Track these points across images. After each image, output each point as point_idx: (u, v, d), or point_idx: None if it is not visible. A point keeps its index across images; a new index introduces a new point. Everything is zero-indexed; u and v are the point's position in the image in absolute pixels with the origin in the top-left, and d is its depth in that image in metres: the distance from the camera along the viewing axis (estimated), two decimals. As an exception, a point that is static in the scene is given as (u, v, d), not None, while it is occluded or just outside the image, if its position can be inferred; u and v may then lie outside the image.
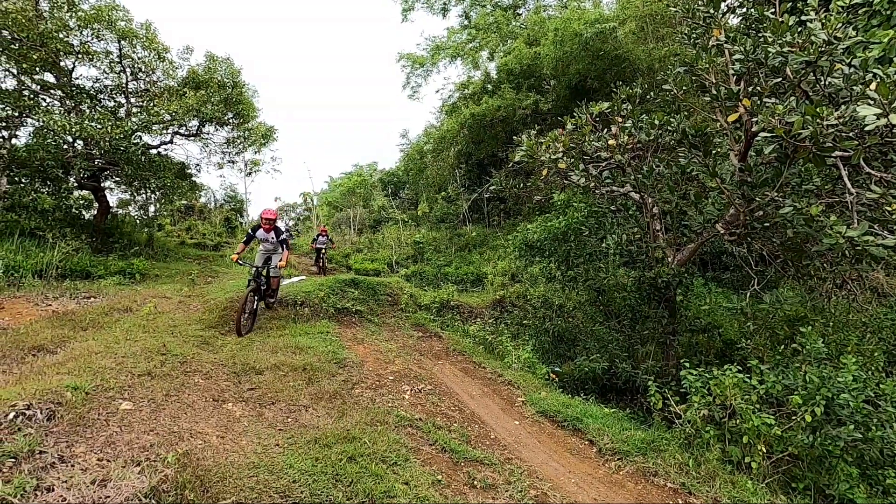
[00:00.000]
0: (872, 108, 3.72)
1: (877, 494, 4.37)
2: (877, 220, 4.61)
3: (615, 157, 6.73)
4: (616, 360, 6.48)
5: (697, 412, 4.61)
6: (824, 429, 4.22)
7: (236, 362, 5.50)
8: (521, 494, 3.63)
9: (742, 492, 3.90)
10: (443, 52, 21.78)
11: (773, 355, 5.45)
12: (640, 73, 14.60)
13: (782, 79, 5.38)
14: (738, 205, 5.72)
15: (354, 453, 3.64)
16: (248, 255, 10.97)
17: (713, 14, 6.07)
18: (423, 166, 22.05)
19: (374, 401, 5.00)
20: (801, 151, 4.85)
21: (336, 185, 37.48)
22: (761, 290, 7.24)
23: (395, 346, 7.15)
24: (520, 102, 17.23)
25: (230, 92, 13.02)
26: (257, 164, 17.31)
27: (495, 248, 16.12)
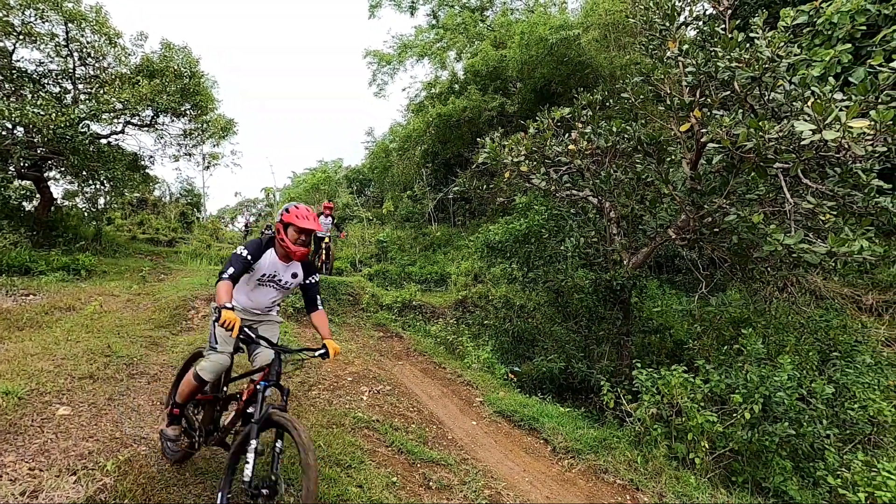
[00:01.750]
0: (808, 124, 3.96)
1: (808, 486, 4.67)
2: (812, 229, 4.91)
3: (575, 161, 6.89)
4: (573, 360, 6.65)
5: (647, 411, 4.78)
6: (762, 425, 4.46)
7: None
8: (476, 494, 3.67)
9: (686, 487, 4.08)
10: (410, 51, 21.70)
11: (718, 355, 5.73)
12: (602, 79, 14.98)
13: (731, 92, 5.64)
14: (688, 211, 5.97)
15: (308, 457, 3.58)
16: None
17: (669, 27, 6.30)
18: (389, 164, 21.90)
19: (331, 402, 4.94)
20: (745, 162, 5.11)
21: (299, 181, 36.70)
22: (710, 292, 7.58)
23: (355, 346, 7.07)
24: (486, 104, 17.36)
25: (187, 82, 12.49)
26: (216, 157, 16.70)
27: (459, 248, 16.19)
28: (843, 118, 3.79)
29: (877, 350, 7.67)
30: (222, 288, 2.72)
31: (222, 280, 2.76)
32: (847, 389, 5.54)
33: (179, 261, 13.58)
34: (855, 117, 3.93)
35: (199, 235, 17.34)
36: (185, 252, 14.40)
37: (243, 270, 2.87)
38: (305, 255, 3.00)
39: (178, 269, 12.29)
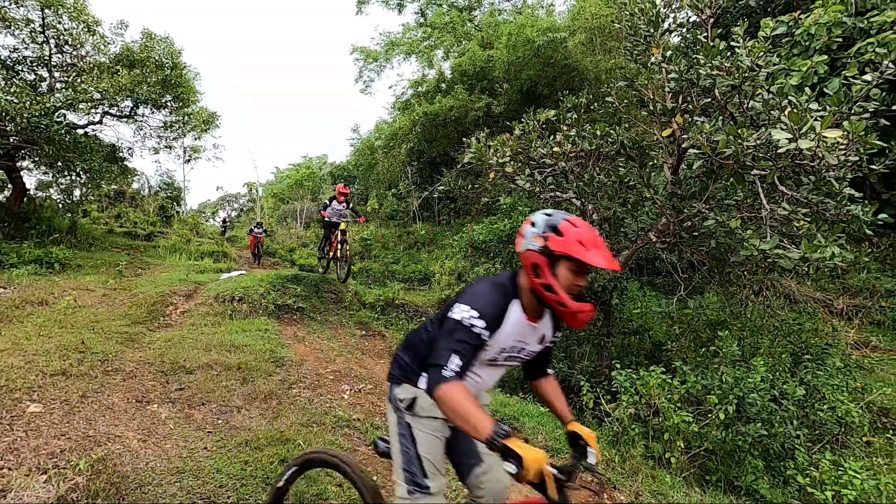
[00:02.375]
0: (785, 133, 4.07)
1: (778, 485, 4.81)
2: (786, 235, 5.05)
3: (559, 163, 6.95)
4: (554, 361, 6.72)
5: (625, 411, 4.86)
6: (735, 425, 4.57)
7: (164, 361, 5.21)
8: (456, 494, 3.68)
9: (661, 485, 4.16)
10: (397, 48, 21.62)
11: (695, 357, 5.85)
12: (587, 83, 15.15)
13: (712, 99, 5.75)
14: (669, 215, 6.08)
15: (287, 455, 3.55)
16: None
17: (653, 33, 6.40)
18: (374, 162, 21.82)
19: (312, 401, 4.90)
20: (724, 168, 5.23)
21: (283, 177, 36.35)
22: (689, 295, 7.73)
23: (336, 344, 7.03)
24: (472, 104, 17.41)
25: (169, 73, 12.27)
26: (197, 150, 16.44)
27: (444, 247, 16.21)
28: (817, 128, 3.90)
29: (846, 353, 7.92)
30: (463, 400, 1.45)
31: (447, 383, 1.49)
32: (817, 391, 5.71)
33: (158, 255, 13.32)
34: (829, 127, 4.05)
35: (178, 230, 17.01)
36: (163, 247, 14.12)
37: (473, 356, 1.60)
38: (590, 318, 1.69)
39: (157, 263, 12.07)
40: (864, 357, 8.99)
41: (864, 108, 4.62)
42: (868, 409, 6.41)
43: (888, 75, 4.59)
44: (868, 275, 11.30)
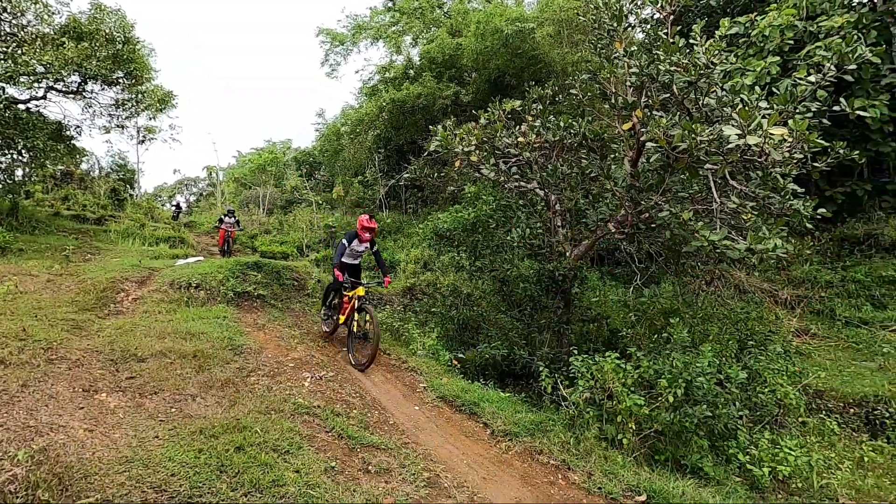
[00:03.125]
0: (735, 129, 4.24)
1: (721, 462, 5.09)
2: (735, 227, 5.29)
3: (524, 154, 7.02)
4: (515, 347, 6.85)
5: (581, 395, 5.02)
6: (683, 408, 4.80)
7: (115, 349, 5.02)
8: (414, 476, 3.73)
9: (613, 465, 4.33)
10: (364, 32, 21.20)
11: (649, 343, 6.09)
12: (554, 74, 15.31)
13: (670, 95, 5.93)
14: (627, 206, 6.26)
15: (243, 443, 3.50)
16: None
17: (616, 28, 6.52)
18: (340, 148, 21.43)
19: (271, 389, 4.83)
20: (679, 162, 5.41)
21: (245, 161, 35.24)
22: (645, 284, 8.01)
23: (298, 332, 6.94)
24: (441, 92, 17.31)
25: (120, 48, 11.61)
26: (152, 131, 15.68)
27: (410, 235, 16.15)
28: (764, 125, 4.09)
29: (787, 340, 8.43)
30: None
31: None
32: (759, 375, 6.06)
33: (109, 240, 12.71)
34: (775, 125, 4.25)
35: (132, 214, 16.25)
36: (115, 231, 13.48)
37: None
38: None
39: (108, 248, 11.52)
40: (804, 343, 9.59)
41: (807, 108, 4.87)
42: (805, 392, 6.86)
43: (830, 77, 4.84)
44: (810, 267, 12.01)
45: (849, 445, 6.30)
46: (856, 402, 7.16)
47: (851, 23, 11.25)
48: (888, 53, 12.12)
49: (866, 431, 6.80)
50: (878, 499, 5.01)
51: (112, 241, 12.91)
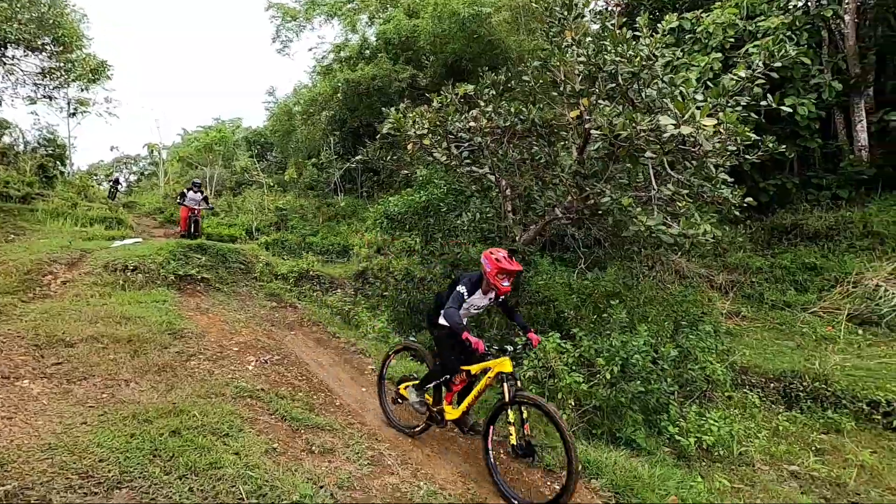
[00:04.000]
0: (670, 119, 4.45)
1: (653, 434, 5.43)
2: (671, 213, 5.58)
3: (475, 138, 7.07)
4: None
5: (524, 374, 5.19)
6: (619, 384, 5.07)
7: (39, 334, 4.73)
8: (358, 455, 3.76)
9: (552, 439, 4.52)
10: (318, 9, 20.48)
11: (590, 324, 6.36)
12: (510, 61, 15.38)
13: (616, 85, 6.12)
14: (573, 193, 6.45)
15: (179, 427, 3.41)
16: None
17: (567, 16, 6.63)
18: (292, 128, 20.75)
19: (213, 373, 4.71)
20: (622, 150, 5.62)
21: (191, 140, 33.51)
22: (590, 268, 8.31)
23: (244, 316, 6.77)
24: (397, 74, 17.04)
25: (46, 11, 10.68)
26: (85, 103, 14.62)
27: (364, 219, 15.95)
28: (697, 116, 4.31)
29: (718, 321, 9.00)
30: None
31: None
32: (690, 353, 6.46)
33: (36, 220, 11.83)
34: (708, 116, 4.49)
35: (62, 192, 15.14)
36: (43, 210, 12.54)
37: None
38: None
39: (34, 229, 10.74)
40: (735, 325, 10.27)
41: (737, 102, 5.17)
42: (731, 368, 7.38)
43: (759, 73, 5.15)
44: (743, 254, 12.83)
45: (767, 416, 6.86)
46: (775, 377, 7.78)
47: (786, 24, 11.93)
48: (817, 55, 12.98)
49: (783, 404, 7.41)
50: (788, 462, 5.50)
51: (39, 220, 12.02)
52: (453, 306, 3.83)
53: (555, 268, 11.75)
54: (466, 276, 4.04)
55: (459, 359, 4.08)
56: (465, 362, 4.05)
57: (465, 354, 4.00)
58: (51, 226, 11.60)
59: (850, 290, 10.35)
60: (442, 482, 3.65)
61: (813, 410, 6.96)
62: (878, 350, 8.34)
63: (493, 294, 4.03)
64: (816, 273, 11.33)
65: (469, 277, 4.02)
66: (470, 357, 3.97)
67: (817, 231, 12.33)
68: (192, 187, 12.00)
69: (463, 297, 3.90)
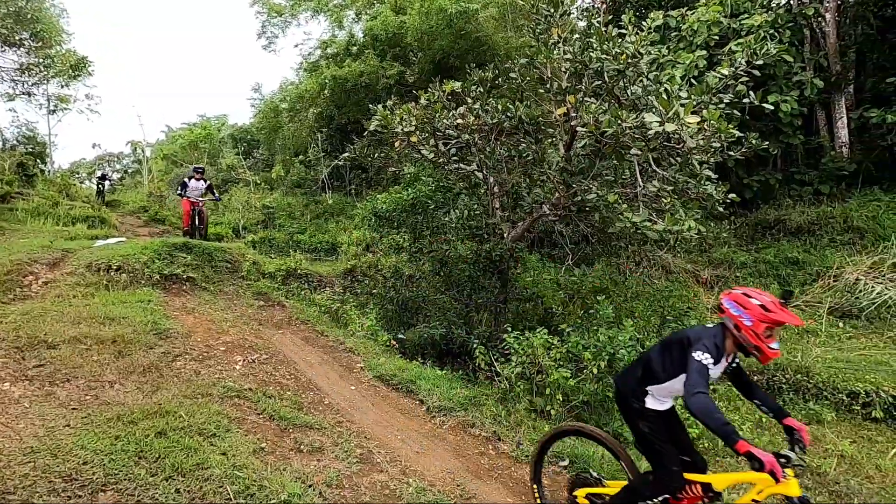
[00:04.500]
0: (655, 117, 4.50)
1: (639, 428, 5.50)
2: (656, 209, 5.64)
3: (463, 136, 7.08)
4: (453, 327, 6.99)
5: (513, 370, 5.23)
6: (606, 378, 5.12)
7: (20, 335, 4.64)
8: (347, 454, 3.77)
9: (541, 434, 4.56)
10: (304, 4, 20.28)
11: (576, 320, 6.42)
12: (498, 58, 15.36)
13: (602, 82, 6.16)
14: (560, 189, 6.49)
15: (165, 428, 3.38)
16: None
17: (553, 13, 6.65)
18: (278, 125, 20.55)
19: (199, 373, 4.67)
20: (608, 147, 5.67)
21: (176, 137, 33.00)
22: (577, 265, 8.39)
23: (231, 315, 6.71)
24: (384, 70, 16.96)
25: (23, 5, 10.44)
26: (65, 100, 14.31)
27: (353, 217, 15.88)
28: (681, 113, 4.36)
29: (703, 315, 9.13)
30: None
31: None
32: (676, 347, 6.54)
33: (15, 219, 11.60)
34: (691, 114, 4.55)
35: (43, 191, 14.84)
36: (23, 210, 12.30)
37: None
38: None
39: (14, 228, 10.53)
40: (719, 319, 10.44)
41: (721, 100, 5.23)
42: (716, 362, 7.50)
43: (742, 71, 5.23)
44: (728, 249, 13.02)
45: (750, 408, 6.98)
46: (759, 370, 7.92)
47: (769, 22, 12.09)
48: (799, 53, 13.19)
49: (766, 396, 7.56)
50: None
51: (20, 220, 11.78)
52: (703, 390, 2.37)
53: (543, 264, 11.84)
54: (701, 336, 2.61)
55: (684, 462, 2.76)
56: (692, 468, 2.77)
57: (689, 453, 2.82)
58: (31, 225, 11.38)
59: (832, 284, 10.57)
60: (431, 479, 3.67)
61: (795, 402, 7.10)
62: (858, 342, 8.54)
63: (732, 358, 2.75)
64: (799, 267, 11.54)
65: (708, 337, 2.59)
66: (695, 457, 2.83)
67: (800, 226, 12.55)
68: (193, 174, 10.27)
69: (708, 371, 2.46)
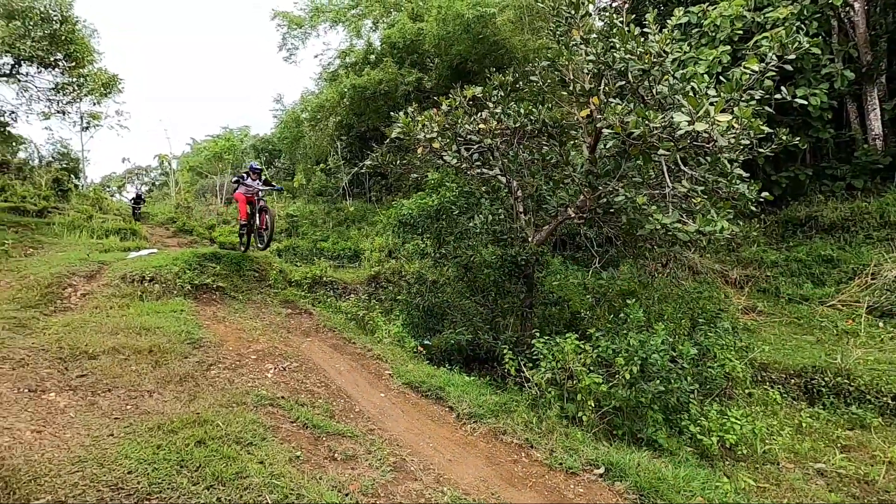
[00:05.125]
0: (684, 116, 4.41)
1: (674, 434, 5.38)
2: (686, 210, 5.53)
3: (485, 140, 7.06)
4: (480, 332, 6.97)
5: (543, 376, 5.17)
6: (639, 384, 5.03)
7: (63, 347, 4.79)
8: (381, 462, 3.77)
9: (573, 441, 4.50)
10: (323, 16, 20.60)
11: (606, 324, 6.32)
12: (516, 61, 15.35)
13: (626, 82, 6.08)
14: (585, 192, 6.42)
15: (204, 437, 3.44)
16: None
17: (574, 15, 6.60)
18: (300, 135, 20.88)
19: (233, 381, 4.75)
20: (634, 148, 5.58)
21: (200, 149, 33.86)
22: (605, 267, 8.27)
23: (260, 324, 6.81)
24: (403, 78, 17.09)
25: (58, 27, 10.86)
26: (97, 117, 14.83)
27: (374, 223, 16.01)
28: (711, 112, 4.27)
29: (735, 317, 8.91)
30: None
31: None
32: (709, 351, 6.40)
33: (53, 233, 12.02)
34: (721, 112, 4.45)
35: (78, 205, 15.37)
36: (59, 223, 12.74)
37: None
38: None
39: (52, 242, 10.91)
40: (751, 320, 10.15)
41: (752, 96, 5.11)
42: (751, 365, 7.29)
43: (772, 66, 5.09)
44: (758, 248, 12.68)
45: (789, 413, 6.77)
46: (796, 373, 7.67)
47: (794, 14, 11.78)
48: (827, 44, 12.80)
49: (805, 400, 7.31)
50: (814, 460, 5.42)
51: (56, 234, 12.21)
52: None
53: (566, 267, 11.73)
54: None
55: None
56: None
57: None
58: (67, 238, 11.78)
59: (869, 282, 10.18)
60: (465, 488, 3.64)
61: (836, 406, 6.86)
62: (901, 343, 8.20)
63: None
64: (833, 265, 11.15)
65: None
66: None
67: (833, 222, 12.14)
68: (249, 172, 8.93)
69: None
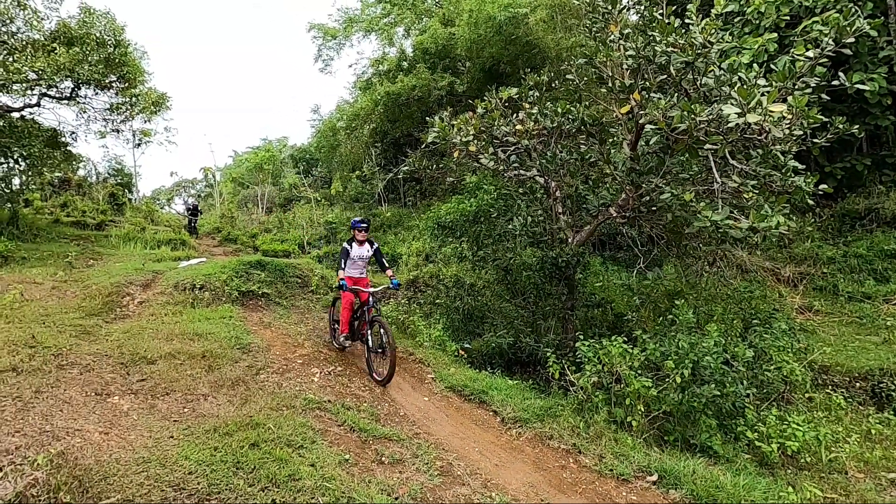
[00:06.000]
0: (734, 108, 4.23)
1: (729, 440, 5.14)
2: (736, 206, 5.29)
3: (522, 141, 7.00)
4: (521, 335, 6.89)
5: (589, 379, 5.05)
6: (691, 388, 4.83)
7: (124, 352, 5.05)
8: (427, 466, 3.77)
9: (623, 447, 4.37)
10: (356, 26, 21.03)
11: (654, 326, 6.12)
12: (549, 60, 15.18)
13: (667, 76, 5.89)
14: (628, 190, 6.26)
15: (258, 439, 3.54)
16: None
17: (611, 10, 6.46)
18: (336, 144, 21.35)
19: (281, 385, 4.87)
20: (679, 143, 5.40)
21: (241, 161, 35.14)
22: (648, 267, 8.03)
23: (304, 328, 6.97)
24: (435, 83, 17.20)
25: (112, 51, 11.53)
26: (148, 134, 15.59)
27: (410, 228, 16.16)
28: (764, 103, 4.07)
29: (791, 317, 8.46)
30: None
31: None
32: (765, 353, 6.09)
33: (110, 245, 12.72)
34: (774, 102, 4.24)
35: (131, 218, 16.24)
36: (116, 235, 13.49)
37: None
38: None
39: (110, 253, 11.54)
40: (808, 320, 9.61)
41: (806, 84, 4.85)
42: (810, 368, 6.90)
43: (828, 52, 4.81)
44: (812, 244, 12.01)
45: (855, 419, 6.35)
46: (861, 376, 7.20)
47: (847, -5, 11.12)
48: (885, 26, 12.02)
49: (872, 405, 6.85)
50: (886, 469, 5.06)
51: (113, 245, 12.92)
52: None
53: (606, 268, 11.45)
54: None
55: None
56: None
57: None
58: (123, 250, 12.44)
59: (941, 278, 9.45)
60: (514, 493, 3.59)
61: (914, 413, 6.38)
62: (982, 343, 7.56)
63: None
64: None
65: None
66: None
67: (895, 214, 11.36)
68: (354, 231, 5.50)
69: None
